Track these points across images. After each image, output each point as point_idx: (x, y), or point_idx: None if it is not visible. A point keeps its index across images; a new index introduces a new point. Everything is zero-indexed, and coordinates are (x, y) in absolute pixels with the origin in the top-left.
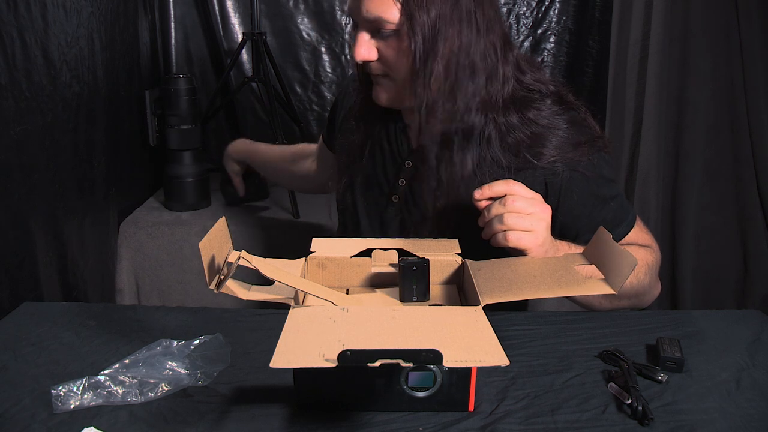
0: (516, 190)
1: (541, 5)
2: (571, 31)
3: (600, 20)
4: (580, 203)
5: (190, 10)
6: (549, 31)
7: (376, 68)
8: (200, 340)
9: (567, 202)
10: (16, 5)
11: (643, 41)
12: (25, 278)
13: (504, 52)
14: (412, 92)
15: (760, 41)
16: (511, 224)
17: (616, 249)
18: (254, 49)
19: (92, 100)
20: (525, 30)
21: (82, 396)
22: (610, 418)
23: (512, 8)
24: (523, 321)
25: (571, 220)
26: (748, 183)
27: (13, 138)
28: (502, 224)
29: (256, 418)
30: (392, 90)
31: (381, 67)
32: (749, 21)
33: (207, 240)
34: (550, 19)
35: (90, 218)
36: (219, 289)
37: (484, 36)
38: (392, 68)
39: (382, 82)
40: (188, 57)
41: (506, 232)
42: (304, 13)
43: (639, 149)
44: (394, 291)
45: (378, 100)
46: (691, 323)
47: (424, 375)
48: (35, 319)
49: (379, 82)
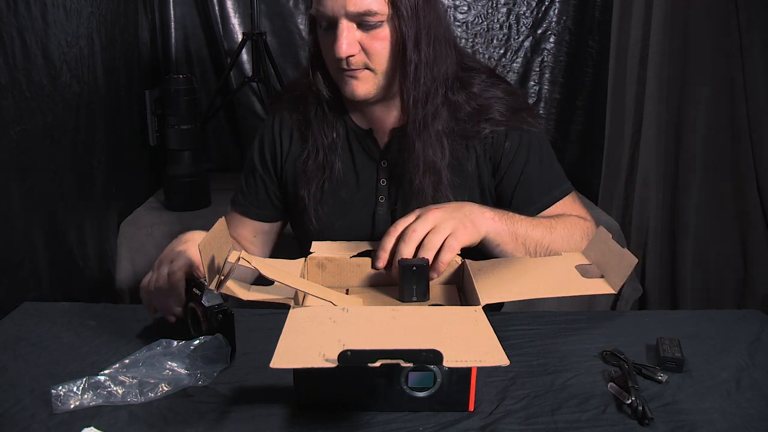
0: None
1: (541, 5)
2: (571, 31)
3: (600, 20)
4: (522, 161)
5: (190, 10)
6: (549, 31)
7: (358, 62)
8: (200, 340)
9: (513, 163)
10: (16, 5)
11: (643, 41)
12: (25, 278)
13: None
14: (390, 81)
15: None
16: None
17: (615, 249)
18: (254, 49)
19: (92, 100)
20: (525, 30)
21: (82, 396)
22: (610, 418)
23: (512, 8)
24: (523, 321)
25: (511, 179)
26: (748, 183)
27: (13, 138)
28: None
29: (256, 418)
30: (370, 82)
31: (363, 60)
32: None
33: (206, 240)
34: (550, 19)
35: (90, 218)
36: (219, 289)
37: (443, 17)
38: (376, 59)
39: (360, 75)
40: (188, 57)
41: (442, 248)
42: (304, 13)
43: (639, 149)
44: (394, 291)
45: (354, 94)
46: (691, 323)
47: (424, 375)
48: (35, 319)
49: (356, 76)
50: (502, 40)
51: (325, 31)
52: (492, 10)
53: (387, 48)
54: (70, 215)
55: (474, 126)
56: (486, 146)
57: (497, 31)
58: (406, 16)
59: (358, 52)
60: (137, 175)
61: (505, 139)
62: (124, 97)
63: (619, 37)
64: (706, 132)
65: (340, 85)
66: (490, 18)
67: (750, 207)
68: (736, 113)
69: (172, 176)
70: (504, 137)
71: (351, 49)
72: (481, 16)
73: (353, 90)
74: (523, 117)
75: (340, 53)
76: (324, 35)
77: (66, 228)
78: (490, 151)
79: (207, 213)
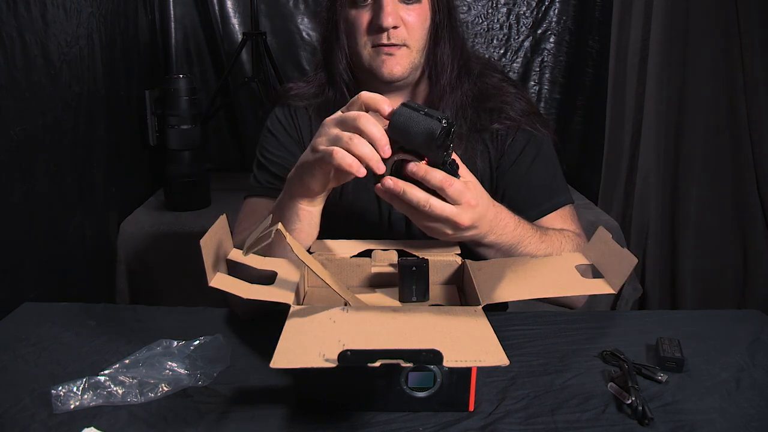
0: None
1: (541, 5)
2: (571, 31)
3: (600, 20)
4: (528, 163)
5: (190, 10)
6: (549, 31)
7: (398, 36)
8: (200, 340)
9: (517, 163)
10: (16, 5)
11: (643, 41)
12: (25, 278)
13: None
14: (419, 62)
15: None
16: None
17: (615, 249)
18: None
19: (92, 100)
20: (525, 30)
21: (82, 396)
22: (610, 418)
23: (512, 8)
24: (523, 321)
25: (514, 179)
26: (748, 183)
27: (13, 138)
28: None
29: (256, 418)
30: (406, 59)
31: (403, 35)
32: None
33: (208, 237)
34: (550, 19)
35: (90, 218)
36: (247, 254)
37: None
38: (414, 35)
39: (397, 53)
40: (188, 57)
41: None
42: (304, 13)
43: (639, 149)
44: (393, 291)
45: (392, 72)
46: (691, 323)
47: (424, 375)
48: (35, 319)
49: (393, 53)
50: (502, 40)
51: (361, 7)
52: (492, 10)
53: (426, 23)
54: (70, 215)
55: (486, 119)
56: (495, 142)
57: (497, 31)
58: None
59: (401, 25)
60: (137, 175)
61: (514, 137)
62: (124, 97)
63: (619, 37)
64: (706, 132)
65: (373, 66)
66: (490, 18)
67: (750, 207)
68: (736, 113)
69: (172, 176)
70: (513, 136)
71: (396, 21)
72: (481, 16)
73: (391, 69)
74: (533, 121)
75: (387, 23)
76: (359, 12)
77: (66, 228)
78: (498, 146)
79: (207, 213)
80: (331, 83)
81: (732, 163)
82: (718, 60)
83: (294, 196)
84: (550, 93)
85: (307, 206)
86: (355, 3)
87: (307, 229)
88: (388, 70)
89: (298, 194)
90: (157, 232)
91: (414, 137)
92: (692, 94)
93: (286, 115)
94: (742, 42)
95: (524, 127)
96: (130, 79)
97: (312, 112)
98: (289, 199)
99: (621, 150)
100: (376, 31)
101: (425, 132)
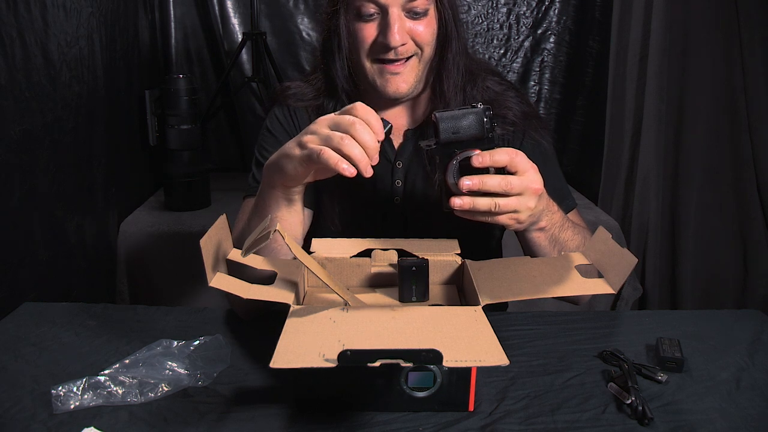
0: (520, 163)
1: (541, 5)
2: (571, 31)
3: (600, 20)
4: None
5: (190, 10)
6: (549, 31)
7: (407, 50)
8: (200, 340)
9: None
10: (16, 5)
11: (643, 41)
12: (25, 278)
13: None
14: (426, 73)
15: (760, 41)
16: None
17: (615, 248)
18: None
19: (92, 100)
20: (525, 30)
21: (82, 396)
22: (610, 418)
23: (512, 8)
24: (523, 321)
25: None
26: (748, 183)
27: (13, 138)
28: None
29: (256, 418)
30: (413, 72)
31: (412, 49)
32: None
33: (208, 237)
34: (550, 19)
35: (90, 218)
36: (247, 255)
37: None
38: (423, 46)
39: (403, 69)
40: (188, 57)
41: (518, 215)
42: (304, 13)
43: (639, 149)
44: (393, 291)
45: (398, 91)
46: (691, 323)
47: (424, 375)
48: (35, 319)
49: (399, 72)
50: (502, 40)
51: (366, 21)
52: (492, 10)
53: (434, 34)
54: (70, 215)
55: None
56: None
57: (497, 31)
58: (446, 3)
59: (408, 41)
60: (137, 175)
61: (521, 144)
62: (124, 97)
63: (619, 37)
64: (706, 132)
65: (378, 83)
66: (490, 18)
67: (750, 207)
68: (736, 113)
69: (172, 176)
70: (520, 142)
71: (403, 38)
72: (481, 16)
73: (397, 87)
74: (534, 125)
75: (395, 42)
76: (364, 26)
77: (66, 228)
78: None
79: (207, 213)
80: (330, 90)
81: (732, 163)
82: (718, 60)
83: (273, 186)
84: (550, 93)
85: (285, 194)
86: (361, 16)
87: (288, 218)
88: (393, 89)
89: (277, 183)
90: (157, 232)
91: (467, 129)
92: (692, 94)
93: (286, 114)
94: (742, 42)
95: (530, 134)
96: (130, 79)
97: (311, 112)
98: (268, 188)
99: (621, 150)
100: (383, 49)
101: (475, 120)
